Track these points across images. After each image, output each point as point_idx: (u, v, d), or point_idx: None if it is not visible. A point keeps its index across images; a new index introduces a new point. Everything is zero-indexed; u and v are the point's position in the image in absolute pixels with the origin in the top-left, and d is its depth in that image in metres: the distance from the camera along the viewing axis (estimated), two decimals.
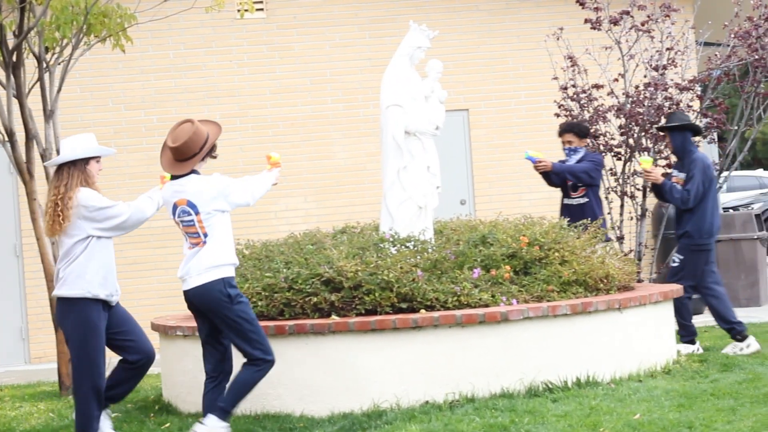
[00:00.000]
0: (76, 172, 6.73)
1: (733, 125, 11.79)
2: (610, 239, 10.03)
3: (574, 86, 11.34)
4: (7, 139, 9.43)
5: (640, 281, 9.95)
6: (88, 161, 6.78)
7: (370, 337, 7.30)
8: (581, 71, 11.34)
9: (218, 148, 6.93)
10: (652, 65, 11.17)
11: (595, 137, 11.13)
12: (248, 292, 7.63)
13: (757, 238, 13.19)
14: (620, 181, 11.24)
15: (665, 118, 10.22)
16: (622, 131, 11.11)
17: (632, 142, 11.05)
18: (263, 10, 13.13)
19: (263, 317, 7.56)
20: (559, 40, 11.50)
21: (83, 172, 6.75)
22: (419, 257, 7.83)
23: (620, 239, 11.16)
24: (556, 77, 11.61)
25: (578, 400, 7.05)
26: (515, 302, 7.61)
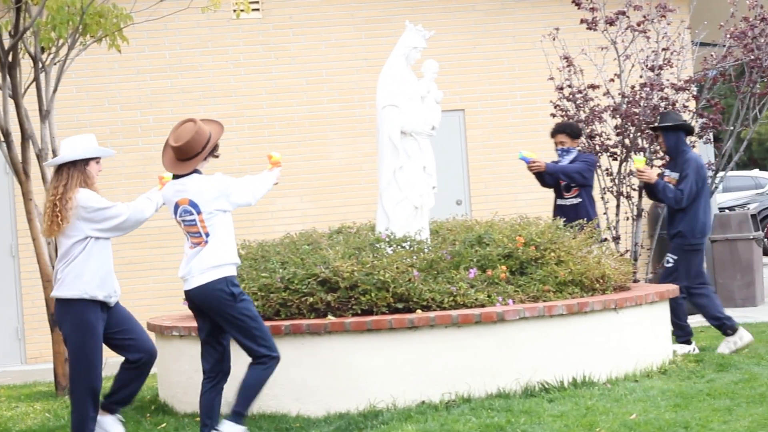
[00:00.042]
0: (75, 172, 6.70)
1: (729, 125, 11.78)
2: (605, 239, 10.03)
3: (570, 86, 11.34)
4: (2, 139, 9.42)
5: (636, 281, 9.95)
6: (87, 162, 6.76)
7: (366, 337, 7.30)
8: (577, 71, 11.34)
9: None
10: (648, 65, 11.17)
11: (591, 137, 11.14)
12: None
13: (753, 238, 13.19)
14: (616, 181, 11.24)
15: (658, 118, 10.23)
16: (618, 131, 11.12)
17: (628, 142, 11.06)
18: (259, 10, 13.12)
19: None
20: (555, 40, 11.50)
21: (83, 172, 6.72)
22: (415, 257, 7.83)
23: (616, 239, 11.16)
24: (552, 77, 11.61)
25: (574, 400, 7.05)
26: (511, 302, 7.60)
